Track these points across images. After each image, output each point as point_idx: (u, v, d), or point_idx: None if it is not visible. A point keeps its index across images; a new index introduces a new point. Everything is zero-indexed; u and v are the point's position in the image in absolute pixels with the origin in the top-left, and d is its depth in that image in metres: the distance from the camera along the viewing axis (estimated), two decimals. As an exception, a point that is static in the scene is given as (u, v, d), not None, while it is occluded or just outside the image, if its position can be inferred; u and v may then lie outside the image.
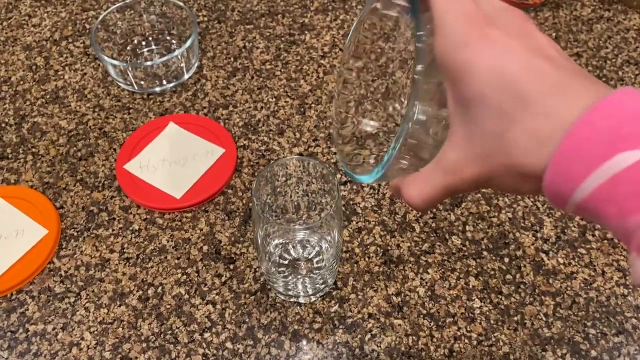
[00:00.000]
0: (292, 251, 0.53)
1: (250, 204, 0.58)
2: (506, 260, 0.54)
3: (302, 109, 0.66)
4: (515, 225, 0.57)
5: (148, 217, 0.58)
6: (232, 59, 0.72)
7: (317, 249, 0.53)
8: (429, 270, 0.54)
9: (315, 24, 0.76)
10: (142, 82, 0.67)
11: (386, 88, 0.47)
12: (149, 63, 0.65)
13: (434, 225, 0.56)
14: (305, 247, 0.53)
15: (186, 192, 0.58)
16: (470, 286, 0.53)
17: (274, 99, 0.67)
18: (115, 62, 0.64)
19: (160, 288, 0.53)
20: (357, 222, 0.57)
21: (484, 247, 0.55)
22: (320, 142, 0.63)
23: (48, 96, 0.68)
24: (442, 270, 0.54)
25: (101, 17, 0.68)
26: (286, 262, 0.52)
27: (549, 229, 0.56)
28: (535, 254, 0.55)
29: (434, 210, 0.57)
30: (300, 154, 0.62)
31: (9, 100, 0.67)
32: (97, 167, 0.61)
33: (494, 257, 0.54)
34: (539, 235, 0.56)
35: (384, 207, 0.58)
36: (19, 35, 0.75)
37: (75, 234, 0.56)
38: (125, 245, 0.55)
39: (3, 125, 0.65)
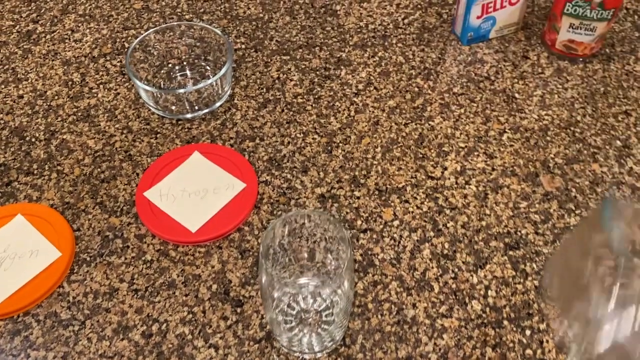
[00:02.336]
0: (301, 302, 0.51)
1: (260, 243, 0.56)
2: (528, 333, 0.51)
3: (329, 148, 0.65)
4: (542, 295, 0.53)
5: (162, 248, 0.57)
6: (264, 89, 0.71)
7: (327, 302, 0.51)
8: (444, 336, 0.51)
9: (352, 59, 0.74)
10: (173, 107, 0.66)
11: None
12: (181, 90, 0.64)
13: (454, 286, 0.54)
14: (315, 299, 0.51)
15: (202, 226, 0.57)
16: (487, 358, 0.49)
17: (301, 135, 0.66)
18: (147, 87, 0.64)
19: (164, 325, 0.52)
20: (373, 275, 0.54)
21: (505, 315, 0.52)
22: (344, 184, 0.61)
23: (80, 114, 0.68)
24: (458, 337, 0.51)
25: (139, 38, 0.68)
26: (294, 312, 0.50)
27: (578, 302, 0.53)
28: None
29: (456, 269, 0.55)
30: (322, 196, 0.60)
31: (42, 114, 0.68)
32: (118, 190, 0.61)
33: (514, 328, 0.51)
34: (566, 308, 0.52)
35: (403, 262, 0.55)
36: (59, 50, 0.76)
37: (88, 258, 0.56)
38: (136, 276, 0.55)
39: (33, 140, 0.66)
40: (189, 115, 0.67)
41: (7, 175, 0.62)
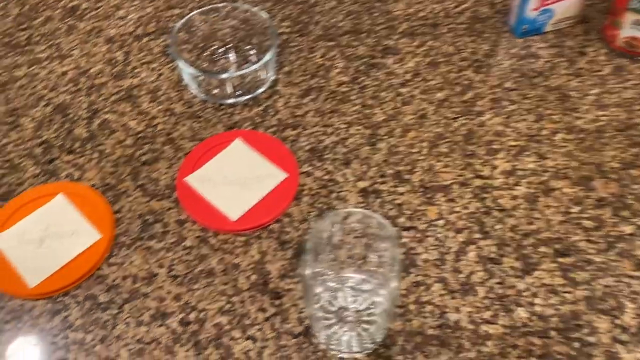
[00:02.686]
0: (342, 299, 0.50)
1: (306, 237, 0.55)
2: (576, 345, 0.49)
3: (372, 140, 0.63)
4: (592, 306, 0.51)
5: (202, 234, 0.56)
6: (308, 76, 0.69)
7: (369, 301, 0.50)
8: (488, 343, 0.49)
9: (400, 47, 0.71)
10: (215, 91, 0.65)
11: None
12: (224, 75, 0.63)
13: (500, 291, 0.52)
14: (356, 298, 0.50)
15: (243, 215, 0.56)
16: (532, 368, 0.48)
17: (345, 126, 0.64)
18: (191, 70, 0.63)
19: (202, 313, 0.51)
20: (415, 275, 0.53)
21: (552, 325, 0.50)
22: (388, 179, 0.59)
23: (122, 93, 0.68)
24: (503, 345, 0.49)
25: (185, 19, 0.67)
26: (334, 309, 0.49)
27: (630, 316, 0.50)
28: (610, 344, 0.49)
29: (502, 274, 0.53)
30: (364, 190, 0.59)
31: (85, 92, 0.68)
32: (159, 174, 0.61)
33: (562, 340, 0.49)
34: (617, 322, 0.50)
35: (447, 263, 0.53)
36: (104, 27, 0.75)
37: (128, 242, 0.56)
38: (175, 262, 0.54)
39: (75, 118, 0.66)
40: (230, 100, 0.66)
41: (50, 153, 0.62)
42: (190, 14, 0.67)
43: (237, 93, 0.65)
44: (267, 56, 0.63)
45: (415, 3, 0.77)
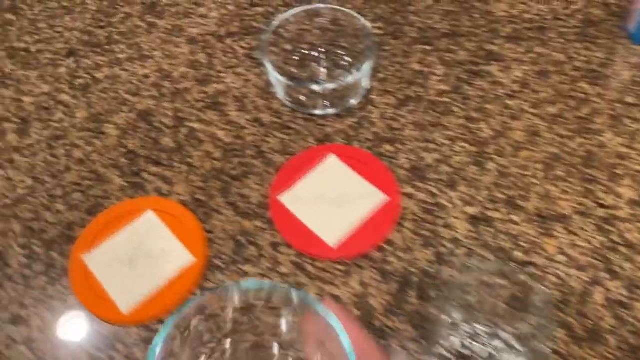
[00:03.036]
0: (468, 345, 0.46)
1: (412, 269, 0.51)
2: None
3: (480, 159, 0.58)
4: None
5: (298, 260, 0.53)
6: (405, 84, 0.64)
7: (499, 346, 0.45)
8: (622, 402, 0.44)
9: (504, 54, 0.65)
10: (305, 100, 0.61)
11: None
12: (316, 87, 0.58)
13: (633, 342, 0.47)
14: (486, 345, 0.46)
15: (342, 241, 0.52)
16: None
17: (448, 142, 0.59)
18: (280, 78, 0.59)
19: (303, 350, 0.48)
20: (535, 318, 0.48)
21: (696, 385, 0.45)
22: (499, 206, 0.54)
23: (209, 100, 0.64)
24: (639, 405, 0.44)
25: (274, 22, 0.62)
26: (455, 355, 0.45)
27: None
28: None
29: (635, 322, 0.47)
30: (474, 218, 0.54)
31: (169, 98, 0.65)
32: (250, 190, 0.57)
33: None
34: None
35: (571, 306, 0.49)
36: (184, 26, 0.72)
37: (222, 265, 0.53)
38: (271, 290, 0.51)
39: (161, 127, 0.63)
40: (320, 112, 0.61)
41: (136, 164, 0.60)
42: (280, 16, 0.63)
43: (328, 103, 0.61)
44: (366, 66, 0.58)
45: (519, 3, 0.70)
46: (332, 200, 0.55)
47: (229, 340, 0.41)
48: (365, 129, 0.61)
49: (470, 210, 0.55)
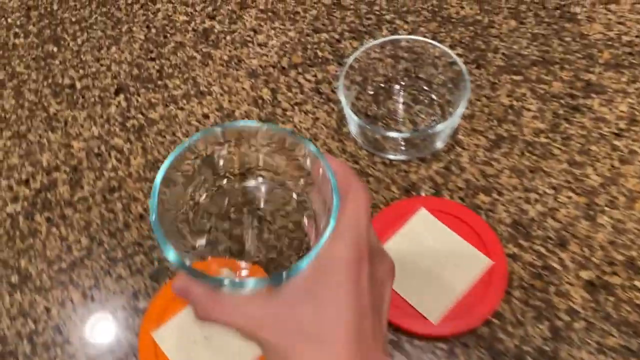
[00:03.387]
0: None
1: (526, 347, 0.44)
2: None
3: (590, 212, 0.51)
4: None
5: (393, 337, 0.47)
6: (495, 121, 0.57)
7: None
8: None
9: (605, 84, 0.58)
10: (385, 143, 0.54)
11: None
12: (397, 135, 0.51)
13: None
14: None
15: (444, 315, 0.46)
16: None
17: (552, 191, 0.53)
18: (357, 120, 0.52)
19: None
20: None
21: None
22: (619, 269, 0.48)
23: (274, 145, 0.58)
24: None
25: (350, 58, 0.55)
26: None
27: None
28: None
29: None
30: (590, 283, 0.47)
31: (233, 143, 0.59)
32: (330, 251, 0.52)
33: None
34: None
35: None
36: (243, 56, 0.66)
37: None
38: (365, 373, 0.46)
39: (228, 175, 0.57)
40: (402, 157, 0.55)
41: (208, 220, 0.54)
42: (356, 51, 0.56)
43: (408, 149, 0.54)
44: (459, 110, 0.52)
45: (615, 23, 0.63)
46: (428, 265, 0.49)
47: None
48: (455, 176, 0.54)
49: (585, 274, 0.48)
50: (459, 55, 0.62)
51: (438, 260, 0.49)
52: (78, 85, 0.65)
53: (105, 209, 0.56)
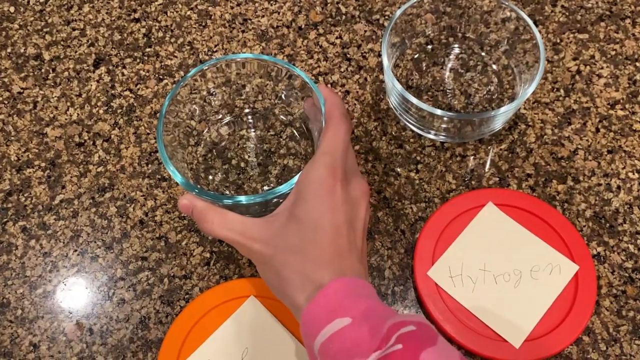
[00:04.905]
0: None
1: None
2: None
3: (684, 200, 0.43)
4: None
5: (466, 364, 0.39)
6: (562, 92, 0.48)
7: None
8: None
9: (686, 42, 0.50)
10: (434, 123, 0.45)
11: None
12: (451, 115, 0.41)
13: None
14: None
15: (528, 338, 0.39)
16: None
17: (636, 175, 0.44)
18: (405, 94, 0.42)
19: None
20: None
21: None
22: None
23: (297, 126, 0.48)
24: None
25: (404, 8, 0.44)
26: None
27: None
28: None
29: None
30: (694, 287, 0.40)
31: (247, 123, 0.48)
32: (380, 259, 0.43)
33: None
34: None
35: None
36: (249, 14, 0.53)
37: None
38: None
39: (244, 165, 0.47)
40: (455, 140, 0.45)
41: (216, 223, 0.45)
42: (402, 7, 0.46)
43: (465, 129, 0.45)
44: (534, 83, 0.42)
45: (691, -34, 0.53)
46: (502, 273, 0.41)
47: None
48: (521, 160, 0.45)
49: (686, 277, 0.41)
50: (511, 10, 0.52)
51: (514, 267, 0.41)
52: (46, 55, 0.53)
53: (95, 214, 0.45)
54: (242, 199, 0.37)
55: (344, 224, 0.33)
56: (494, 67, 0.48)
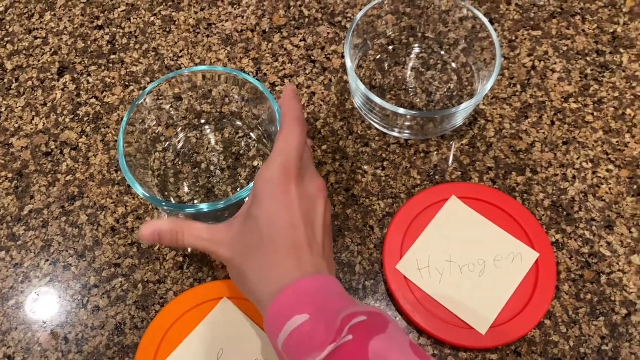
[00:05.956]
0: None
1: (584, 350, 0.40)
2: None
3: (635, 187, 0.46)
4: None
5: (436, 352, 0.41)
6: (518, 86, 0.50)
7: None
8: None
9: (632, 36, 0.52)
10: (398, 121, 0.46)
11: None
12: (413, 113, 0.43)
13: None
14: None
15: (493, 324, 0.41)
16: None
17: (590, 165, 0.47)
18: (368, 94, 0.43)
19: None
20: None
21: None
22: (673, 251, 0.43)
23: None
24: None
25: (365, 10, 0.46)
26: None
27: None
28: None
29: None
30: (646, 269, 0.43)
31: (212, 126, 0.49)
32: (350, 255, 0.44)
33: None
34: None
35: None
36: (213, 19, 0.54)
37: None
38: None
39: (214, 170, 0.47)
40: (419, 136, 0.47)
41: (188, 227, 0.45)
42: (364, 9, 0.47)
43: (428, 126, 0.47)
44: (492, 79, 0.44)
45: (635, -37, 0.56)
46: (467, 263, 0.42)
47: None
48: (482, 154, 0.47)
49: (637, 258, 0.43)
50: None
51: (477, 257, 0.42)
52: (8, 65, 0.52)
53: (66, 223, 0.45)
54: (204, 207, 0.39)
55: (300, 219, 0.33)
56: (454, 65, 0.50)
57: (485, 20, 0.46)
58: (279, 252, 0.33)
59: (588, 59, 0.51)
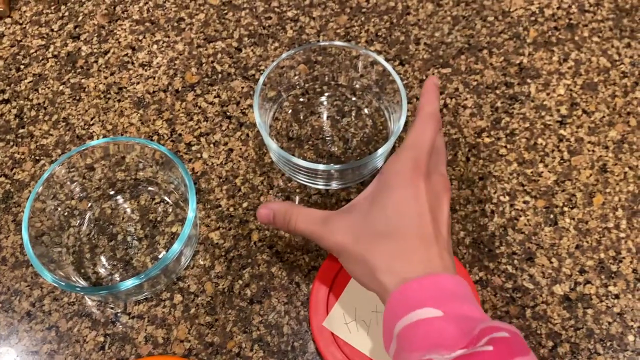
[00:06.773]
0: None
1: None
2: None
3: (551, 216, 0.47)
4: None
5: (369, 408, 0.40)
6: (432, 125, 0.51)
7: None
8: None
9: (538, 66, 0.54)
10: (317, 173, 0.46)
11: None
12: (328, 168, 0.43)
13: None
14: None
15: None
16: None
17: (507, 198, 0.48)
18: (280, 152, 0.43)
19: None
20: None
21: None
22: (591, 275, 0.44)
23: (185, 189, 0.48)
24: None
25: (275, 64, 0.46)
26: None
27: None
28: None
29: None
30: (567, 298, 0.43)
31: (127, 195, 0.47)
32: (277, 316, 0.43)
33: None
34: None
35: None
36: (123, 82, 0.53)
37: None
38: None
39: (133, 242, 0.46)
40: (336, 185, 0.47)
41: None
42: (271, 63, 0.47)
43: (347, 175, 0.47)
44: (400, 122, 0.44)
45: (534, -5, 0.58)
46: (391, 312, 0.42)
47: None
48: (400, 197, 0.48)
49: (559, 289, 0.44)
50: (377, 52, 0.54)
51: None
52: None
53: (-23, 313, 0.43)
54: (120, 286, 0.37)
55: (428, 213, 0.34)
56: (366, 110, 0.51)
57: (387, 65, 0.46)
58: (408, 241, 0.33)
59: (497, 91, 0.52)
